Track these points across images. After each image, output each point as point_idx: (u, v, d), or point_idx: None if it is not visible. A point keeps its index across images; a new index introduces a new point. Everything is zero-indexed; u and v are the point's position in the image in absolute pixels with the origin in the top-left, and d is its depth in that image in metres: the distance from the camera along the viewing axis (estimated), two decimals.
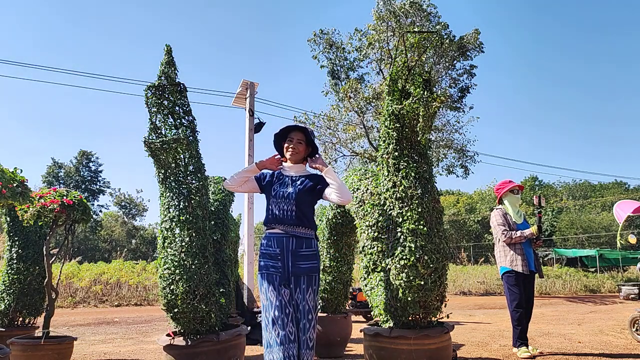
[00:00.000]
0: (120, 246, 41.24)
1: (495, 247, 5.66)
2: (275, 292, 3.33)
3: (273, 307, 3.29)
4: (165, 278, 3.68)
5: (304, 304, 3.28)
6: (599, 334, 7.55)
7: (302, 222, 3.41)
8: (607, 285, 25.54)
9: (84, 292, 15.90)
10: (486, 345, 6.36)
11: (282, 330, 3.23)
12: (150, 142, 3.75)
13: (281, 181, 3.48)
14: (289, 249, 3.35)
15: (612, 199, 50.22)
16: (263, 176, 3.54)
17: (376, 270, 3.85)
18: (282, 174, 3.53)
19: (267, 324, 3.29)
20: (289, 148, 3.51)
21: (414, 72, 3.65)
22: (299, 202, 3.40)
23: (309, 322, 3.25)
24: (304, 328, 3.22)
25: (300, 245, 3.38)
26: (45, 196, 4.74)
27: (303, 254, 3.37)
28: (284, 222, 3.37)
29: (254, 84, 11.87)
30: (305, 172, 3.58)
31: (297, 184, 3.45)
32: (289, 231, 3.37)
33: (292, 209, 3.39)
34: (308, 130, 3.58)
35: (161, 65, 3.96)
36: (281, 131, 3.57)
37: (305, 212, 3.43)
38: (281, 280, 3.34)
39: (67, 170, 48.93)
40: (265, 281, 3.37)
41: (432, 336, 3.45)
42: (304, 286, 3.31)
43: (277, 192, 3.41)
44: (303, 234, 3.39)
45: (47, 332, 4.60)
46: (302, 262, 3.35)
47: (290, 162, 3.54)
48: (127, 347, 6.92)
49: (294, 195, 3.39)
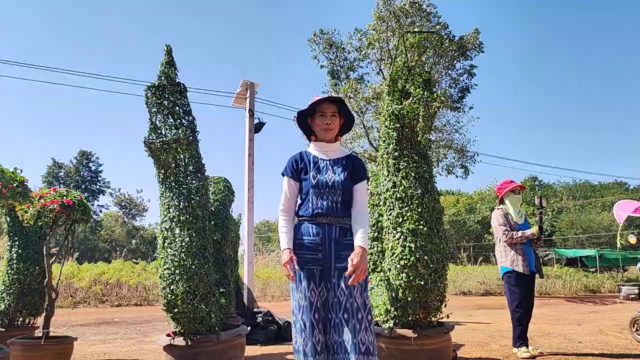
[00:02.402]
0: (120, 246, 41.25)
1: (496, 247, 5.66)
2: (316, 290, 2.92)
3: (313, 308, 2.88)
4: (165, 278, 3.68)
5: (351, 301, 2.83)
6: (599, 334, 7.55)
7: (348, 213, 3.05)
8: (607, 285, 25.55)
9: (84, 292, 15.90)
10: (486, 345, 6.35)
11: (322, 337, 2.88)
12: (151, 142, 3.75)
13: (317, 166, 3.07)
14: (332, 238, 2.97)
15: (612, 199, 50.19)
16: (295, 169, 3.10)
17: (376, 270, 3.85)
18: (317, 157, 3.11)
19: (303, 328, 2.88)
20: (322, 124, 3.08)
21: (414, 73, 3.66)
22: (345, 190, 3.03)
23: (359, 323, 2.80)
24: (354, 329, 2.78)
25: (344, 234, 3.01)
26: (45, 196, 4.74)
27: (347, 242, 2.98)
28: (329, 214, 2.99)
29: (254, 84, 11.88)
30: (342, 152, 3.19)
31: (339, 170, 3.06)
32: (333, 222, 3.00)
33: (338, 200, 3.02)
34: (342, 100, 3.17)
35: (161, 66, 3.97)
36: (309, 107, 3.12)
37: (350, 202, 3.07)
38: (322, 276, 2.95)
39: (67, 171, 48.98)
40: (304, 279, 2.91)
41: (432, 336, 3.46)
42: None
43: (319, 180, 3.01)
44: (348, 225, 3.04)
45: (47, 332, 4.60)
46: (347, 252, 2.91)
47: (324, 141, 3.13)
48: (127, 347, 6.92)
49: (340, 185, 3.02)
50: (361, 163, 3.15)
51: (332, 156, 3.11)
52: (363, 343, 2.76)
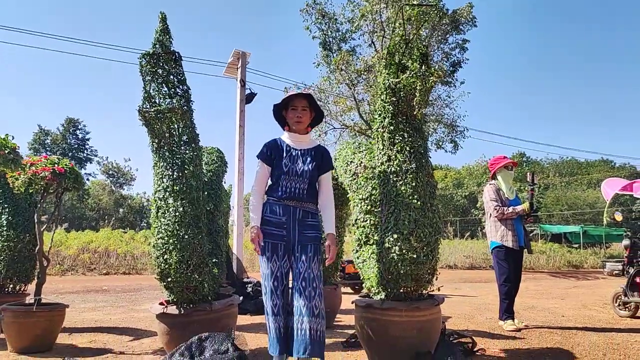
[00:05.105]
0: (108, 215, 41.13)
1: (486, 222, 5.72)
2: (278, 262, 3.33)
3: (273, 276, 3.31)
4: (159, 248, 3.68)
5: (309, 272, 3.25)
6: (582, 309, 7.71)
7: (312, 198, 3.46)
8: (589, 261, 26.02)
9: (72, 260, 15.89)
10: (472, 317, 6.48)
11: (279, 301, 3.28)
12: (145, 111, 3.70)
13: (290, 155, 3.42)
14: (296, 218, 3.36)
15: (598, 177, 50.73)
16: (269, 155, 3.44)
17: (368, 243, 3.87)
18: (289, 146, 3.46)
19: (266, 292, 3.31)
20: (294, 117, 3.43)
21: (411, 46, 3.63)
22: (312, 179, 3.43)
23: (314, 290, 3.21)
24: (310, 296, 3.18)
25: (307, 216, 3.41)
26: (37, 164, 4.69)
27: (309, 223, 3.40)
28: (294, 199, 3.37)
29: (245, 54, 11.74)
30: (311, 143, 3.54)
31: (308, 160, 3.42)
32: (298, 205, 3.39)
33: (304, 187, 3.40)
34: (312, 96, 3.51)
35: (156, 33, 3.89)
36: (282, 101, 3.49)
37: (315, 188, 3.50)
38: (285, 250, 3.35)
39: (54, 138, 48.43)
40: (268, 250, 3.33)
41: (423, 308, 3.50)
42: (310, 254, 3.31)
43: (290, 168, 3.38)
44: (310, 209, 3.44)
45: (39, 299, 4.61)
46: (309, 231, 3.37)
47: (296, 132, 3.48)
48: (118, 315, 6.96)
49: (307, 174, 3.40)
50: (328, 155, 3.56)
51: (302, 146, 3.47)
52: (316, 307, 3.17)
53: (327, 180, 3.52)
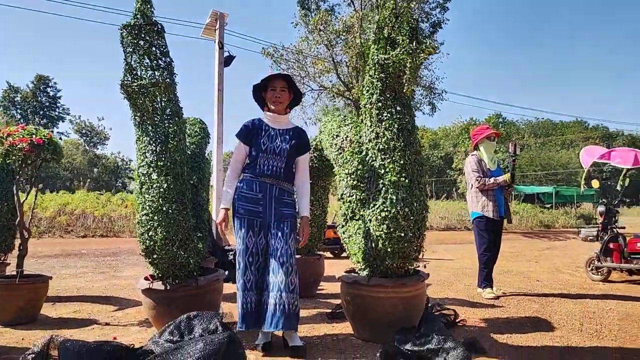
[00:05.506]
0: (82, 175, 40.55)
1: (467, 192, 5.78)
2: (254, 238, 3.42)
3: (248, 252, 3.40)
4: (143, 224, 3.63)
5: (286, 248, 3.34)
6: (556, 272, 7.95)
7: (289, 177, 3.55)
8: (561, 220, 26.72)
9: (48, 222, 15.68)
10: (451, 284, 6.61)
11: (253, 277, 3.39)
12: (127, 85, 3.59)
13: (268, 134, 3.49)
14: (273, 195, 3.44)
15: (572, 137, 51.54)
16: (248, 135, 3.50)
17: (354, 218, 3.87)
18: (268, 126, 3.53)
19: (240, 268, 3.41)
20: (273, 97, 3.50)
21: (401, 20, 3.56)
22: (289, 158, 3.50)
23: (291, 266, 3.31)
24: (287, 272, 3.27)
25: (283, 194, 3.51)
26: (14, 134, 4.55)
27: (285, 201, 3.50)
28: (271, 176, 3.45)
29: (223, 15, 11.44)
30: (290, 124, 3.63)
31: (286, 139, 3.49)
32: (275, 183, 3.47)
33: (281, 165, 3.47)
34: (290, 77, 3.60)
35: (137, 3, 3.73)
36: (262, 82, 3.55)
37: (291, 168, 3.57)
38: (261, 227, 3.43)
39: (24, 95, 47.06)
40: (244, 227, 3.42)
41: (408, 284, 3.55)
42: (287, 231, 3.40)
43: (268, 147, 3.44)
44: (286, 187, 3.54)
45: (21, 271, 4.55)
46: (284, 209, 3.47)
47: (275, 113, 3.54)
48: (100, 283, 6.94)
49: (285, 152, 3.46)
50: (306, 136, 3.64)
51: (281, 127, 3.54)
52: (292, 283, 3.28)
53: (304, 162, 3.63)
